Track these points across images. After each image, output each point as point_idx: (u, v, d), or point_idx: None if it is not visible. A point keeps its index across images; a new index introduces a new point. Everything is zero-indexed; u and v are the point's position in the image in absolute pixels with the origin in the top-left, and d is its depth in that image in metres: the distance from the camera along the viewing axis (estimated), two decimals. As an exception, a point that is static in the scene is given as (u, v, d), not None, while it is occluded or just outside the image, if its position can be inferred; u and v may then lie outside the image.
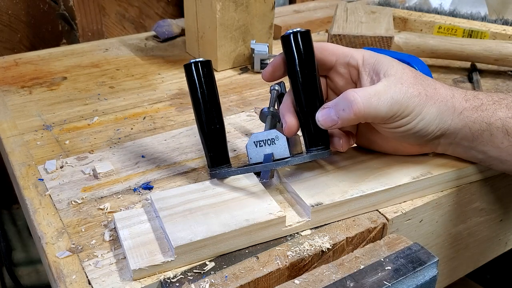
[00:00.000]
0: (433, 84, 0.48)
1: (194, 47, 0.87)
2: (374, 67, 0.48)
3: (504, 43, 0.78)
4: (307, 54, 0.47)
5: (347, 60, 0.50)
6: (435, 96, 0.47)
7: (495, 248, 0.66)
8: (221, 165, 0.50)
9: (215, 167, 0.50)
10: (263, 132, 0.50)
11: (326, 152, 0.49)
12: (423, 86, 0.47)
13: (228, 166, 0.50)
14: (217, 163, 0.50)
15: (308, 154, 0.49)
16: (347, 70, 0.50)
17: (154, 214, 0.47)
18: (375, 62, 0.48)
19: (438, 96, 0.47)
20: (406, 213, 0.49)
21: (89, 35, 1.02)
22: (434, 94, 0.47)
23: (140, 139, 0.62)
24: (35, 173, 0.55)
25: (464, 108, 0.48)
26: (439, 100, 0.47)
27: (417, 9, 1.00)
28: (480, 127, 0.48)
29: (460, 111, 0.48)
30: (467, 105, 0.48)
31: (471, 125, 0.48)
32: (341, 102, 0.46)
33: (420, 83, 0.47)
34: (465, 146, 0.50)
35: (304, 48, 0.47)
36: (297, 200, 0.49)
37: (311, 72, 0.48)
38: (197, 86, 0.49)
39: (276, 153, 0.49)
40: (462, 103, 0.48)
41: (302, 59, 0.47)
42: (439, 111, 0.47)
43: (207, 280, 0.41)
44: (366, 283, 0.41)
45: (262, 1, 0.81)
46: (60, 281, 0.41)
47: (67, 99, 0.72)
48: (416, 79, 0.47)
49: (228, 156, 0.51)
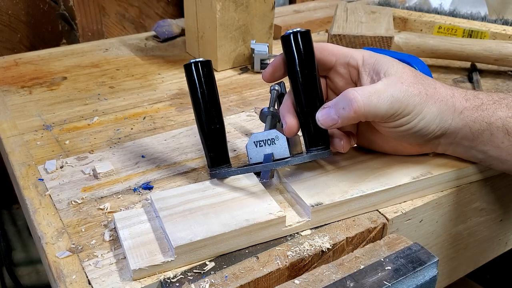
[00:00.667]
0: (433, 83, 0.48)
1: (194, 47, 0.87)
2: (374, 67, 0.48)
3: (504, 43, 0.78)
4: (307, 54, 0.47)
5: (347, 60, 0.50)
6: (435, 95, 0.47)
7: (495, 248, 0.66)
8: (221, 165, 0.50)
9: (215, 167, 0.50)
10: (263, 132, 0.50)
11: (326, 152, 0.49)
12: (423, 86, 0.47)
13: (228, 166, 0.50)
14: (217, 163, 0.50)
15: (308, 154, 0.49)
16: (347, 70, 0.50)
17: (154, 214, 0.47)
18: (375, 62, 0.48)
19: (438, 96, 0.47)
20: (406, 213, 0.49)
21: (89, 35, 1.02)
22: (434, 93, 0.47)
23: (140, 139, 0.62)
24: (35, 173, 0.55)
25: (464, 108, 0.48)
26: (440, 100, 0.47)
27: (417, 9, 1.00)
28: (480, 127, 0.48)
29: (461, 111, 0.48)
30: (468, 104, 0.48)
31: (471, 124, 0.48)
32: (341, 101, 0.46)
33: (421, 83, 0.47)
34: (465, 145, 0.50)
35: (304, 48, 0.47)
36: (297, 200, 0.49)
37: (311, 72, 0.48)
38: (197, 86, 0.49)
39: (276, 153, 0.49)
40: (463, 103, 0.48)
41: (302, 59, 0.47)
42: (439, 111, 0.47)
43: (207, 280, 0.41)
44: (366, 283, 0.41)
45: (262, 1, 0.81)
46: (60, 281, 0.41)
47: (67, 99, 0.72)
48: (416, 78, 0.47)
49: (228, 156, 0.51)
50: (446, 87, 0.49)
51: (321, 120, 0.47)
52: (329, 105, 0.47)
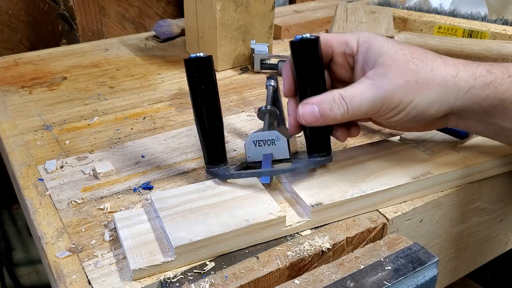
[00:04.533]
0: (430, 64, 0.46)
1: (194, 47, 0.87)
2: (365, 56, 0.47)
3: (504, 43, 0.78)
4: (315, 62, 0.46)
5: (343, 50, 0.49)
6: (430, 80, 0.45)
7: (495, 248, 0.66)
8: (219, 163, 0.50)
9: (213, 165, 0.50)
10: (264, 132, 0.50)
11: (328, 158, 0.49)
12: (414, 72, 0.45)
13: (225, 164, 0.51)
14: (215, 161, 0.50)
15: (311, 160, 0.49)
16: (345, 59, 0.49)
17: (154, 214, 0.47)
18: (367, 49, 0.47)
19: (435, 79, 0.45)
20: (406, 213, 0.49)
21: (89, 35, 1.02)
22: (428, 78, 0.45)
23: (140, 139, 0.62)
24: (35, 173, 0.55)
25: (471, 86, 0.46)
26: (436, 83, 0.45)
27: (417, 9, 1.00)
28: (492, 103, 0.46)
29: (467, 90, 0.46)
30: (476, 82, 0.46)
31: (480, 101, 0.46)
32: (326, 101, 0.45)
33: (411, 69, 0.45)
34: (476, 119, 0.48)
35: (312, 57, 0.46)
36: (297, 200, 0.49)
37: (317, 80, 0.47)
38: (196, 82, 0.48)
39: (275, 153, 0.49)
40: (470, 81, 0.46)
41: (310, 68, 0.46)
42: (436, 95, 0.45)
43: (207, 280, 0.41)
44: (366, 283, 0.41)
45: (262, 1, 0.81)
46: (60, 281, 0.41)
47: (67, 99, 0.72)
48: (406, 65, 0.45)
49: (225, 155, 0.51)
50: (448, 66, 0.46)
51: (303, 115, 0.46)
52: (313, 102, 0.46)
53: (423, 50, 0.48)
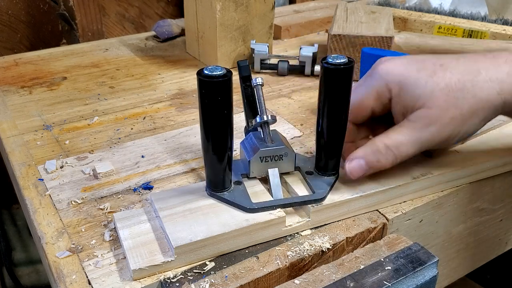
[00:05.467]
0: (471, 90, 0.43)
1: (194, 47, 0.87)
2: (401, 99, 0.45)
3: (504, 43, 0.78)
4: (346, 90, 0.44)
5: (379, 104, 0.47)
6: (474, 107, 0.43)
7: (495, 248, 0.66)
8: (224, 189, 0.47)
9: (217, 189, 0.46)
10: (271, 148, 0.47)
11: (336, 176, 0.49)
12: (456, 106, 0.43)
13: (230, 187, 0.47)
14: (222, 187, 0.46)
15: (328, 184, 0.48)
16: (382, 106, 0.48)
17: (154, 214, 0.47)
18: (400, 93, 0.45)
19: (479, 105, 0.43)
20: (406, 213, 0.49)
21: (89, 35, 1.02)
22: (472, 106, 0.43)
23: (140, 139, 0.62)
24: (35, 173, 0.55)
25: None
26: (481, 108, 0.43)
27: (417, 9, 1.00)
28: None
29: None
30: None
31: None
32: (371, 154, 0.45)
33: (452, 104, 0.43)
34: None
35: (345, 85, 0.44)
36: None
37: (343, 109, 0.45)
38: (215, 106, 0.41)
39: (281, 167, 0.48)
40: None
41: (339, 97, 0.45)
42: (483, 117, 0.44)
43: (207, 280, 0.41)
44: (366, 283, 0.41)
45: (262, 1, 0.81)
46: (60, 281, 0.41)
47: (67, 99, 0.72)
48: (447, 102, 0.43)
49: (230, 179, 0.47)
50: (491, 84, 0.43)
51: (351, 172, 0.46)
52: (357, 156, 0.46)
53: (459, 73, 0.44)
